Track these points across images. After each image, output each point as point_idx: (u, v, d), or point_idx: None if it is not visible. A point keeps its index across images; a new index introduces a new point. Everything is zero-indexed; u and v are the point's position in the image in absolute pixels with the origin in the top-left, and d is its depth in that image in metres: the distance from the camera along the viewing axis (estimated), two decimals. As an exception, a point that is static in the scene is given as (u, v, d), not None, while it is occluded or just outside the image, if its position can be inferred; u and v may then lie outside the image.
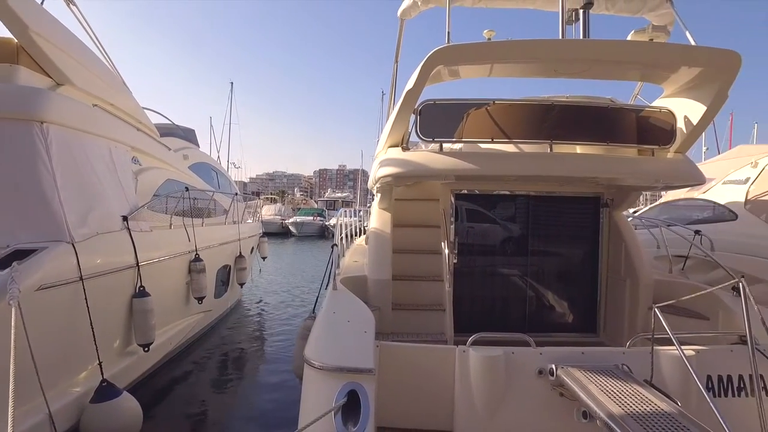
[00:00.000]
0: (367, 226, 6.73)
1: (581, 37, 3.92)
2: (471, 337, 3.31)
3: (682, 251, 5.60)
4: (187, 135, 10.07)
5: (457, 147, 4.57)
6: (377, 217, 5.31)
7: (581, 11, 3.99)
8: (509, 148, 4.70)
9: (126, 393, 4.05)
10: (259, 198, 21.90)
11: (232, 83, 39.79)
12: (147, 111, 7.35)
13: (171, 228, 6.56)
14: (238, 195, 11.13)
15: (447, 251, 4.58)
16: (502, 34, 3.90)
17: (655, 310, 3.16)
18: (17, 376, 2.26)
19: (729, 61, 3.56)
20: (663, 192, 8.26)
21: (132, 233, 5.06)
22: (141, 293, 5.04)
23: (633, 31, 4.58)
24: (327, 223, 35.36)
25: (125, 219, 5.11)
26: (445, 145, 4.27)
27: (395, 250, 4.99)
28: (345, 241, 6.93)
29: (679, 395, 2.97)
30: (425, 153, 4.22)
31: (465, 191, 5.23)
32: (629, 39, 4.49)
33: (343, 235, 6.48)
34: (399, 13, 5.33)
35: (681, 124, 4.19)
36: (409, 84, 3.75)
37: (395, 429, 3.25)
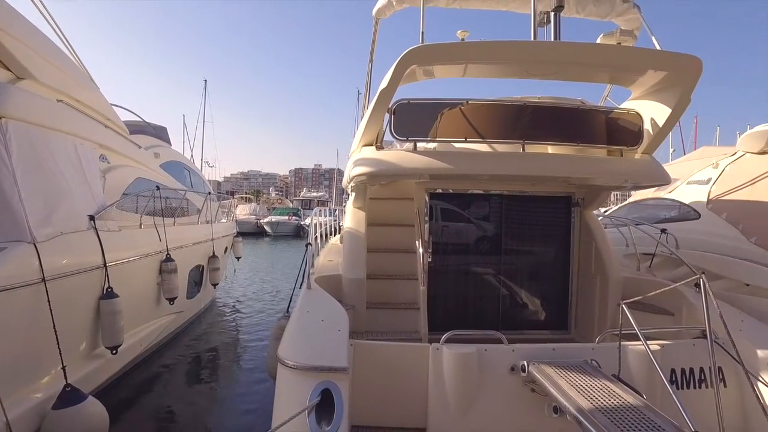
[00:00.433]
0: (343, 225, 6.72)
1: (552, 40, 3.99)
2: (444, 335, 3.33)
3: (649, 249, 5.77)
4: (159, 133, 9.83)
5: (431, 146, 4.60)
6: (352, 216, 5.30)
7: (552, 14, 4.06)
8: (483, 147, 4.76)
9: (91, 397, 3.92)
10: (234, 197, 21.61)
11: (206, 81, 39.29)
12: (116, 108, 7.14)
13: (141, 227, 6.40)
14: (211, 194, 10.94)
15: (421, 250, 4.60)
16: (476, 35, 3.93)
17: (623, 306, 3.26)
18: None
19: (691, 66, 3.68)
20: (632, 192, 8.49)
21: (99, 233, 4.90)
22: (109, 294, 4.89)
23: (602, 35, 4.69)
24: (302, 223, 35.15)
25: (92, 218, 4.95)
26: (420, 145, 4.29)
27: (370, 249, 4.99)
28: (320, 241, 6.90)
29: (645, 388, 3.06)
30: (399, 152, 4.22)
31: (439, 190, 5.26)
32: (598, 42, 4.60)
33: (318, 235, 6.45)
34: (374, 13, 5.33)
35: (648, 125, 4.31)
36: (383, 83, 3.75)
37: (369, 428, 3.25)
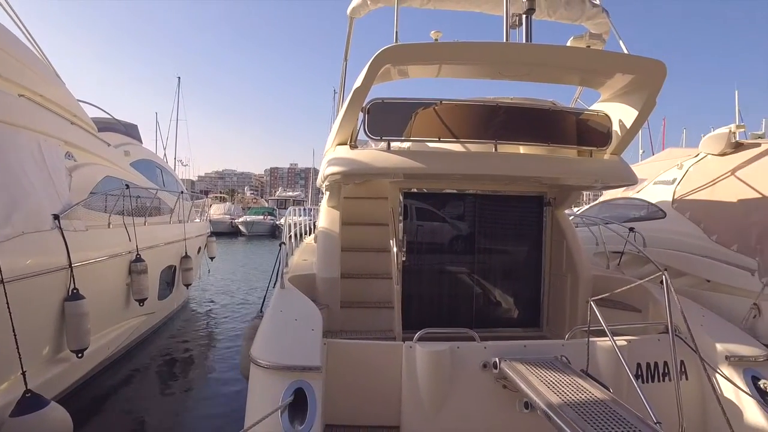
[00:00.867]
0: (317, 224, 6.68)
1: (524, 42, 4.06)
2: (417, 333, 3.35)
3: (618, 247, 5.93)
4: (129, 130, 9.57)
5: (405, 146, 4.62)
6: (326, 216, 5.28)
7: (524, 16, 4.12)
8: (456, 147, 4.80)
9: (54, 403, 3.77)
10: (208, 197, 21.23)
11: (179, 78, 38.52)
12: (84, 104, 6.92)
13: (110, 227, 6.22)
14: (184, 193, 10.73)
15: (395, 249, 4.61)
16: (451, 35, 3.96)
17: (591, 303, 3.34)
18: None
19: (656, 70, 3.80)
20: (602, 191, 8.70)
21: (64, 232, 4.74)
22: (74, 296, 4.73)
23: (572, 38, 4.79)
24: (278, 223, 34.82)
25: (57, 218, 4.78)
26: (393, 144, 4.30)
27: (344, 248, 4.97)
28: (294, 240, 6.84)
29: (612, 382, 3.15)
30: (373, 151, 4.23)
31: (414, 190, 5.28)
32: (568, 45, 4.70)
33: (292, 234, 6.40)
34: (348, 12, 5.31)
35: (616, 127, 4.43)
36: (357, 82, 3.75)
37: (343, 426, 3.25)
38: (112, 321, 6.11)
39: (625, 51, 4.14)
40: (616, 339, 3.23)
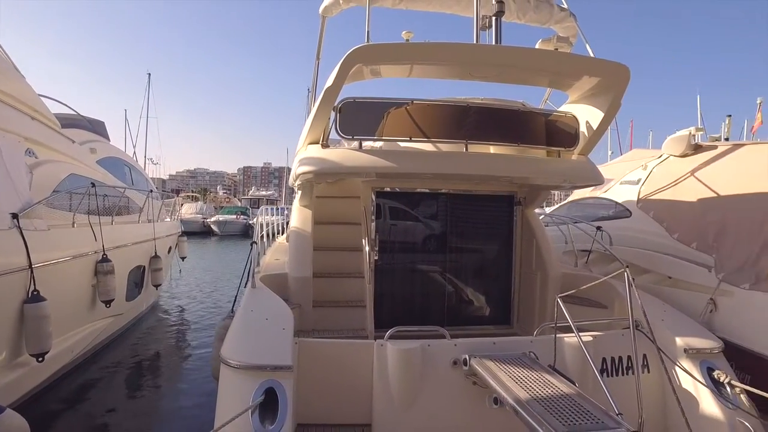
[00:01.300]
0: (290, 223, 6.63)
1: (493, 43, 4.12)
2: (388, 332, 3.37)
3: (586, 246, 6.08)
4: (96, 127, 9.27)
5: (377, 145, 4.63)
6: (298, 215, 5.25)
7: (494, 18, 4.18)
8: (428, 146, 4.84)
9: (9, 410, 3.59)
10: (179, 196, 20.77)
11: (149, 74, 37.21)
12: (46, 99, 6.67)
13: (74, 227, 6.02)
14: (153, 192, 10.48)
15: (368, 248, 4.62)
16: (422, 36, 3.99)
17: (558, 300, 3.43)
18: None
19: (620, 73, 3.93)
20: (571, 191, 8.90)
21: (24, 232, 4.57)
22: (34, 298, 4.55)
23: (540, 40, 4.89)
24: (251, 222, 34.36)
25: (15, 216, 4.60)
26: (365, 143, 4.31)
27: (316, 247, 4.96)
28: (267, 240, 6.77)
29: (578, 377, 3.24)
30: (344, 150, 4.22)
31: (386, 189, 5.30)
32: (536, 47, 4.80)
33: (264, 233, 6.34)
34: (320, 11, 5.28)
35: (583, 128, 4.54)
36: (329, 81, 3.74)
37: (315, 425, 3.24)
38: (76, 323, 5.91)
39: (592, 54, 4.25)
40: (582, 335, 3.32)
